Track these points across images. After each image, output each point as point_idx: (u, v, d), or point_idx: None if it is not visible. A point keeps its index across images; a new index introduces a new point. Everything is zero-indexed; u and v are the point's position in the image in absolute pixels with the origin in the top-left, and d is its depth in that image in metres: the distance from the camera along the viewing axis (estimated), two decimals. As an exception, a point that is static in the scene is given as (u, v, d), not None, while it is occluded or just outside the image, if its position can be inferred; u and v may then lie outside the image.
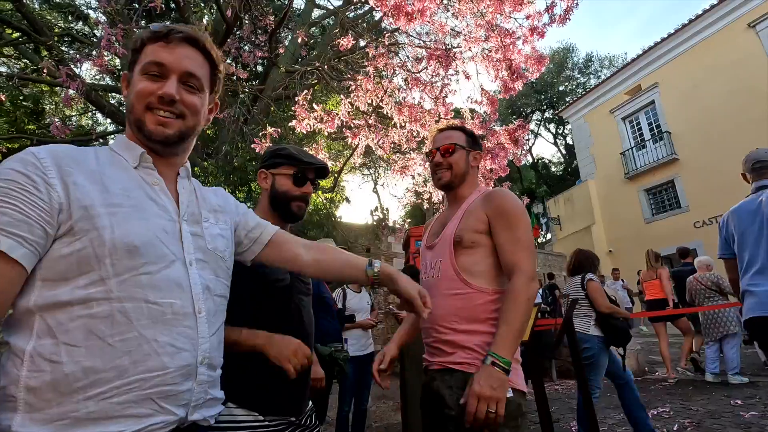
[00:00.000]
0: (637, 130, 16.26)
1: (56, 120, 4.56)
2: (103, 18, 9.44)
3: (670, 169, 14.62)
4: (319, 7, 9.58)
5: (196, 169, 6.12)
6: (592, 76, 26.43)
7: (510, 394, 1.24)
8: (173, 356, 0.80)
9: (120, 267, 0.78)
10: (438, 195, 5.24)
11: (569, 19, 4.66)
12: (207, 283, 0.91)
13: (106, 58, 3.19)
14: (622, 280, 10.16)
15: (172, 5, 8.29)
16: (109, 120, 11.02)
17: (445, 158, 1.55)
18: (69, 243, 0.76)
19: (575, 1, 4.55)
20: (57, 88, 9.50)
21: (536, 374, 3.24)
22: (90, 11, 10.37)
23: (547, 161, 30.92)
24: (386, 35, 5.18)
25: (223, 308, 0.98)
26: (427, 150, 1.64)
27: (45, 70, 3.51)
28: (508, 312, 1.27)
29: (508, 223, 1.38)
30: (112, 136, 9.31)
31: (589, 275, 3.48)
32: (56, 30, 8.90)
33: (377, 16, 8.93)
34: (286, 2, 9.17)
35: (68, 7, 8.30)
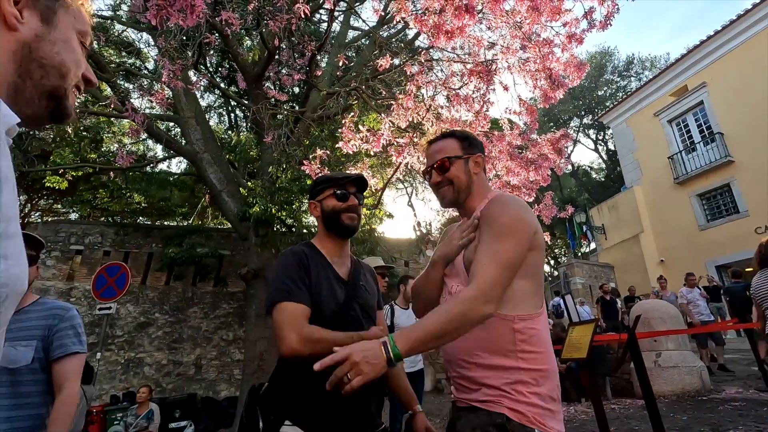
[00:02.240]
0: (685, 133, 15.48)
1: (119, 149, 4.91)
2: (154, 52, 10.14)
3: (724, 171, 13.76)
4: (353, 28, 9.88)
5: (242, 190, 6.39)
6: (632, 78, 25.53)
7: None
8: None
9: (3, 318, 0.54)
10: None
11: (611, 25, 4.57)
12: None
13: (166, 92, 3.44)
14: (699, 288, 8.51)
15: (216, 34, 8.81)
16: (160, 146, 11.74)
17: (443, 175, 1.37)
18: None
19: (616, 6, 4.47)
20: (113, 120, 10.27)
21: (594, 393, 3.11)
22: (142, 46, 11.17)
23: (587, 168, 29.92)
24: (422, 53, 5.26)
25: None
26: (424, 170, 1.47)
27: (112, 104, 3.83)
28: (434, 313, 1.10)
29: (490, 231, 1.19)
30: (166, 162, 9.91)
31: None
32: (112, 65, 9.66)
33: (410, 34, 9.09)
34: (323, 27, 9.51)
35: (127, 46, 8.98)
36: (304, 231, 6.83)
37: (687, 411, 5.03)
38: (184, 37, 4.67)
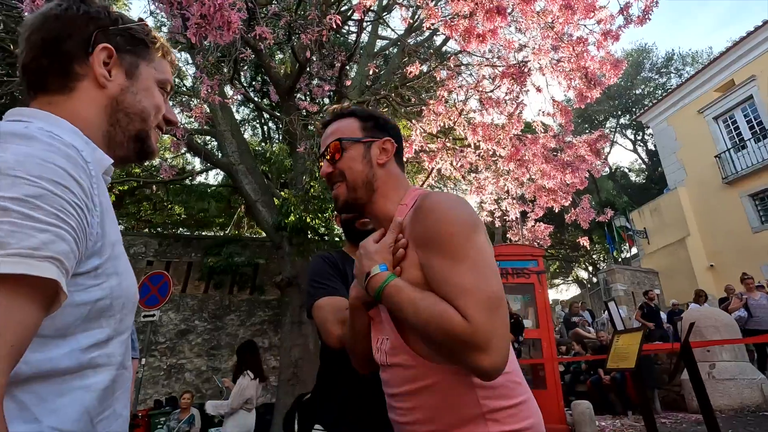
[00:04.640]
0: (733, 130, 14.59)
1: (164, 163, 5.16)
2: (191, 70, 10.60)
3: (779, 169, 12.87)
4: (381, 38, 9.98)
5: (276, 200, 6.53)
6: (672, 75, 24.42)
7: None
8: None
9: (125, 324, 0.64)
10: (515, 212, 5.02)
11: (649, 19, 4.39)
12: None
13: (203, 107, 3.58)
14: None
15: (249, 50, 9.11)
16: (198, 159, 12.23)
17: (335, 165, 0.98)
18: (87, 288, 0.57)
19: (655, 0, 4.29)
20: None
21: (644, 406, 2.94)
22: (181, 64, 11.70)
23: (626, 170, 28.75)
24: (450, 58, 5.24)
25: None
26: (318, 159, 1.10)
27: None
28: (428, 303, 0.78)
29: (442, 252, 0.80)
30: (204, 175, 10.29)
31: None
32: (155, 84, 10.12)
33: (438, 41, 9.08)
34: (351, 38, 9.67)
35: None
36: (337, 239, 6.91)
37: (747, 427, 4.69)
38: (220, 54, 4.87)
